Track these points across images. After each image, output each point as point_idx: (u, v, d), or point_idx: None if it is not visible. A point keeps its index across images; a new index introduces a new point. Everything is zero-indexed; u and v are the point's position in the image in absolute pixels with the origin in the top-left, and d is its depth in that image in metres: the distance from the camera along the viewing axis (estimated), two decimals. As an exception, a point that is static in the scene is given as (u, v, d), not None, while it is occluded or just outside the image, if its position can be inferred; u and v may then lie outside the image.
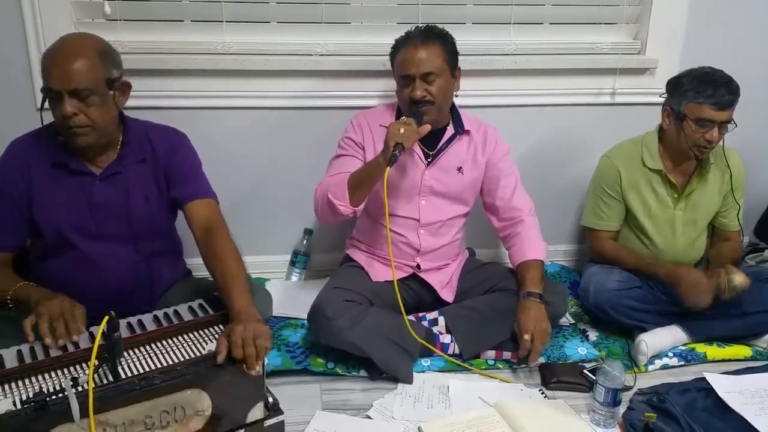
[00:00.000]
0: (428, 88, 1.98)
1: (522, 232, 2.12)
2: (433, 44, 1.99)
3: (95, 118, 1.64)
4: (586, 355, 2.10)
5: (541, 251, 2.09)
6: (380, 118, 2.11)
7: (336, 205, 1.92)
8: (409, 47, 1.99)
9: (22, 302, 1.61)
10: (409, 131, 1.87)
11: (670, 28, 2.48)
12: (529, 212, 2.15)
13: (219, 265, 1.64)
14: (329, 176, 2.03)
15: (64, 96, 1.59)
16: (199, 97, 2.30)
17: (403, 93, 2.02)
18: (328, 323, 1.91)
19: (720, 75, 2.05)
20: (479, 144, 2.14)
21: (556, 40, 2.48)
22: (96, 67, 1.62)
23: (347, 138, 2.10)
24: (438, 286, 2.15)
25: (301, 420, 1.75)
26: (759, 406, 1.81)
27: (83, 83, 1.59)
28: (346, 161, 2.06)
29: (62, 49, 1.61)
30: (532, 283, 2.01)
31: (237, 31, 2.29)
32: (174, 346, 1.50)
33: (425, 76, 1.97)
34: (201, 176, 1.86)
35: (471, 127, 2.14)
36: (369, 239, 2.18)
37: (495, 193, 2.15)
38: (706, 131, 2.04)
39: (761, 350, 2.14)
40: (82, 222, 1.73)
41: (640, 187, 2.22)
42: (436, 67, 1.98)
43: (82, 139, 1.65)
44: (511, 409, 1.78)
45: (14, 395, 1.32)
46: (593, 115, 2.56)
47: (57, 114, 1.62)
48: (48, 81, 1.59)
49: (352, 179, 1.93)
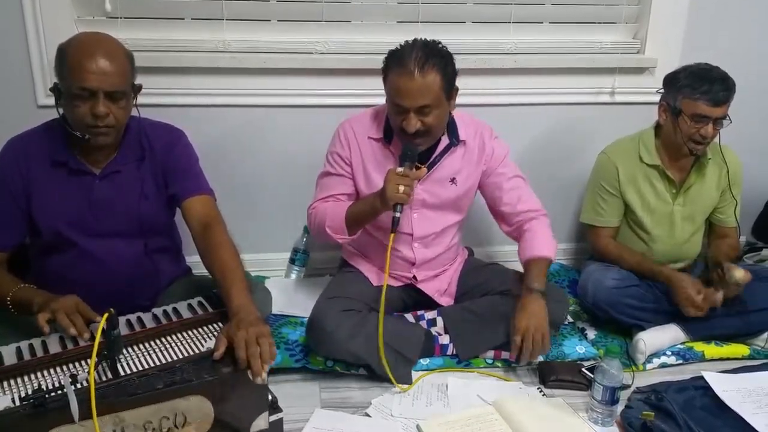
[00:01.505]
0: (423, 119, 1.85)
1: (535, 227, 2.04)
2: (430, 72, 1.81)
3: (120, 120, 1.67)
4: (584, 353, 2.10)
5: (551, 249, 2.02)
6: (368, 130, 2.02)
7: (335, 238, 1.94)
8: (404, 75, 1.81)
9: (24, 304, 1.61)
10: (407, 186, 1.80)
11: (669, 27, 2.48)
12: (539, 211, 2.08)
13: (216, 262, 1.64)
14: (321, 200, 2.02)
15: (99, 95, 1.59)
16: (199, 95, 2.30)
17: (395, 120, 1.90)
18: (327, 336, 1.88)
19: (716, 71, 2.07)
20: (476, 152, 2.05)
21: (556, 39, 2.49)
22: (128, 71, 1.67)
23: (335, 153, 2.03)
24: (436, 295, 2.14)
25: (300, 418, 1.76)
26: (756, 404, 1.81)
27: (121, 85, 1.63)
28: (337, 182, 2.03)
29: (99, 50, 1.61)
30: (537, 279, 1.95)
31: (237, 29, 2.29)
32: (173, 344, 1.50)
33: (420, 109, 1.84)
34: (198, 173, 1.86)
35: (467, 135, 2.04)
36: (364, 250, 2.16)
37: (501, 200, 2.07)
38: (701, 127, 2.06)
39: (759, 349, 2.14)
40: (82, 220, 1.73)
41: (638, 182, 2.23)
42: (432, 99, 1.83)
43: (104, 138, 1.66)
44: (510, 407, 1.78)
45: (13, 392, 1.33)
46: (593, 114, 2.56)
47: (83, 112, 1.61)
48: (82, 80, 1.58)
49: (349, 216, 1.92)
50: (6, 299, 1.63)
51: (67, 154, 1.72)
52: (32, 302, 1.58)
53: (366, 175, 2.03)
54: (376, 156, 2.02)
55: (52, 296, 1.58)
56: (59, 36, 1.79)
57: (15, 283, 1.66)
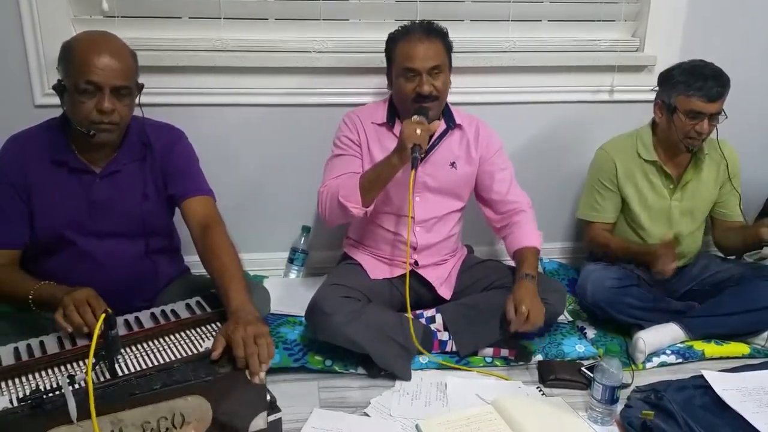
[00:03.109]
0: (434, 83, 1.97)
1: (521, 221, 2.12)
2: (435, 38, 1.99)
3: (124, 117, 1.67)
4: (583, 352, 2.10)
5: (538, 240, 2.11)
6: (372, 116, 2.11)
7: (348, 208, 1.92)
8: (413, 41, 1.97)
9: (46, 301, 1.59)
10: (424, 131, 1.86)
11: (668, 25, 2.48)
12: (527, 204, 2.16)
13: (216, 263, 1.64)
14: (333, 177, 2.02)
15: (105, 91, 1.60)
16: (197, 94, 2.30)
17: (405, 88, 1.99)
18: (326, 319, 1.90)
19: (710, 67, 2.07)
20: (472, 139, 2.13)
21: (555, 37, 2.48)
22: (133, 69, 1.69)
23: (344, 137, 2.09)
24: (436, 283, 2.15)
25: (299, 417, 1.75)
26: (757, 403, 1.81)
27: (127, 82, 1.64)
28: (348, 161, 2.06)
29: (106, 46, 1.63)
30: (530, 267, 2.02)
31: (235, 28, 2.29)
32: (171, 344, 1.50)
33: (431, 71, 1.96)
34: (198, 173, 1.86)
35: (462, 122, 2.13)
36: (365, 239, 2.18)
37: (491, 188, 2.15)
38: (696, 123, 2.07)
39: (759, 347, 2.14)
40: (81, 219, 1.73)
41: (636, 178, 2.23)
42: (440, 60, 1.98)
43: (107, 135, 1.66)
44: (509, 406, 1.78)
45: (10, 393, 1.32)
46: (592, 112, 2.56)
47: (88, 108, 1.61)
48: (90, 74, 1.59)
49: (363, 180, 1.93)
50: (27, 298, 1.61)
51: (68, 153, 1.71)
52: (55, 297, 1.56)
53: (371, 158, 2.07)
54: (380, 139, 2.09)
55: (71, 289, 1.56)
56: (56, 35, 1.79)
57: (34, 281, 1.64)
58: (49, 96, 1.69)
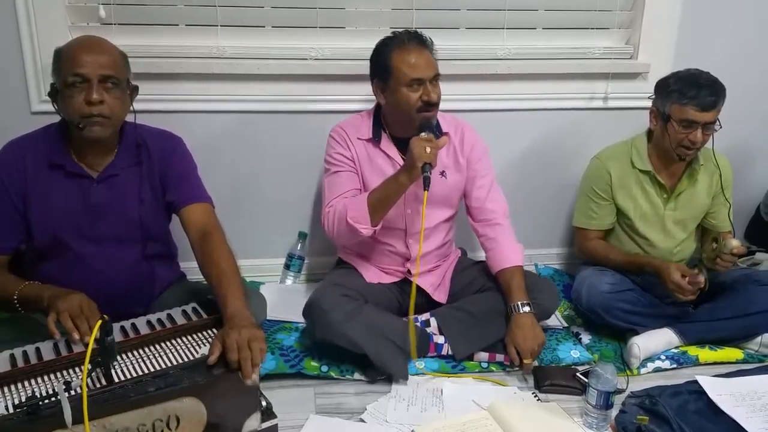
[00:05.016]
0: (435, 90, 1.97)
1: (499, 236, 2.11)
2: (427, 47, 1.99)
3: (115, 110, 1.67)
4: (578, 358, 2.10)
5: (520, 256, 2.09)
6: (357, 131, 2.08)
7: (359, 230, 1.93)
8: (413, 51, 1.95)
9: (32, 300, 1.60)
10: (433, 149, 1.86)
11: (662, 32, 2.50)
12: (504, 214, 2.14)
13: (214, 270, 1.64)
14: (338, 197, 2.01)
15: (93, 82, 1.62)
16: (194, 101, 2.30)
17: (410, 98, 1.95)
18: (324, 315, 1.90)
19: (705, 77, 2.07)
20: (457, 144, 2.12)
21: (549, 45, 2.49)
22: (121, 63, 1.71)
23: (337, 153, 2.06)
24: (430, 289, 2.16)
25: (295, 424, 1.75)
26: (750, 408, 1.82)
27: (114, 72, 1.66)
28: (347, 177, 2.05)
29: (91, 42, 1.70)
30: (519, 293, 2.02)
31: (232, 35, 2.29)
32: (167, 350, 1.50)
33: (433, 79, 1.96)
34: (196, 180, 1.86)
35: (448, 129, 2.11)
36: (362, 250, 2.18)
37: (471, 194, 2.14)
38: (690, 132, 2.07)
39: (753, 353, 2.15)
40: (78, 224, 1.73)
41: (630, 187, 2.24)
42: (437, 69, 1.98)
43: (98, 129, 1.66)
44: (505, 412, 1.79)
45: (6, 399, 1.32)
46: (586, 120, 2.57)
47: (78, 102, 1.63)
48: (76, 66, 1.62)
49: (372, 200, 1.93)
50: (12, 298, 1.62)
51: (65, 157, 1.72)
52: (41, 297, 1.58)
53: (363, 177, 2.07)
54: (369, 156, 2.07)
55: (61, 291, 1.57)
56: (53, 43, 1.79)
57: (19, 282, 1.66)
58: (46, 103, 1.70)
